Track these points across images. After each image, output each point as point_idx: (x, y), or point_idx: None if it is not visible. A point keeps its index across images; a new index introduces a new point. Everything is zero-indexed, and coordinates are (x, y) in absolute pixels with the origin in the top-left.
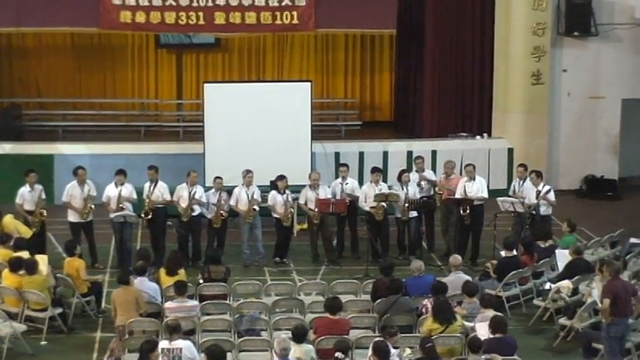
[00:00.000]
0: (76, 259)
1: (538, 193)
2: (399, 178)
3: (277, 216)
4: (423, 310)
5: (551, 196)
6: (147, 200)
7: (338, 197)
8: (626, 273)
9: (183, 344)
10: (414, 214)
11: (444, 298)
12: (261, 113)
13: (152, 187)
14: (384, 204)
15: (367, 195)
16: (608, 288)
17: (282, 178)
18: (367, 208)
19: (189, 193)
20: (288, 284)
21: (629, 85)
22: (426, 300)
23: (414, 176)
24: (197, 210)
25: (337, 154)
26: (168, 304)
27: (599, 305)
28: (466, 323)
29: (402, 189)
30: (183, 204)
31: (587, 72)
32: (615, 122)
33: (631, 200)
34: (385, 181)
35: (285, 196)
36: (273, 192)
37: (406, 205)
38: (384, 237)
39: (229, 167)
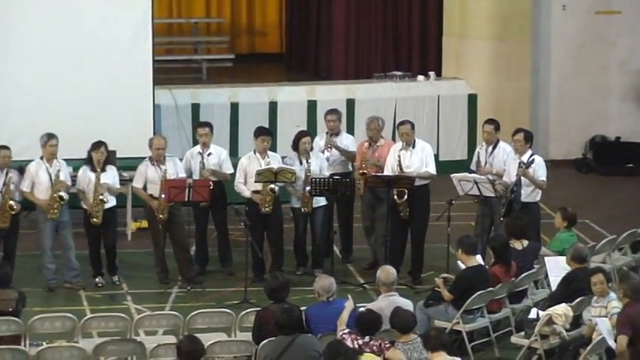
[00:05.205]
0: None
1: (522, 165)
2: (295, 146)
3: (87, 207)
4: None
5: (540, 169)
6: None
7: (197, 177)
8: None
9: None
10: (320, 202)
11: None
12: (71, 41)
13: None
14: (273, 187)
15: (248, 173)
16: (624, 318)
17: (98, 145)
18: (247, 194)
19: None
20: (119, 317)
21: None
22: (346, 336)
23: (320, 143)
24: None
25: (196, 107)
26: None
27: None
28: None
29: (300, 163)
30: None
31: None
32: (637, 52)
33: None
34: (274, 149)
35: (98, 174)
36: (85, 168)
37: (307, 188)
38: (274, 240)
39: (21, 131)
